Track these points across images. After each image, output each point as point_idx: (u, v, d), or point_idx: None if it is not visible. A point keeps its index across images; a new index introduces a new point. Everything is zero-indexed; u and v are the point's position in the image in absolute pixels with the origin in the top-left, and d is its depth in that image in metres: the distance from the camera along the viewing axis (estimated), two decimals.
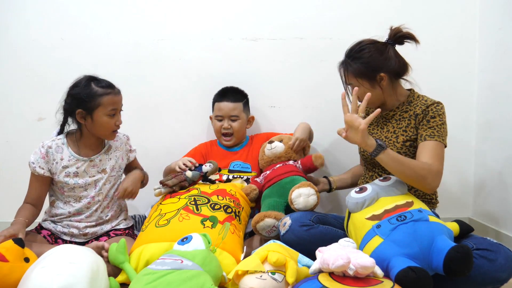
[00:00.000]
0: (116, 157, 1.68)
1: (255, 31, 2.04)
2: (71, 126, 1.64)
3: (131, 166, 1.77)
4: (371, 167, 1.62)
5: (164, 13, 2.04)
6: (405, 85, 1.58)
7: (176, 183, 1.64)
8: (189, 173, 1.67)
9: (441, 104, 1.48)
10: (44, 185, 1.59)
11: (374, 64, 1.47)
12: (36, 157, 1.56)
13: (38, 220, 1.62)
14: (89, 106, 1.52)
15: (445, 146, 1.44)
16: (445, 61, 2.02)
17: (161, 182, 1.67)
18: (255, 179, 1.79)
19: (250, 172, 1.87)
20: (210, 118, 2.00)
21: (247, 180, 1.84)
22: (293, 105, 2.08)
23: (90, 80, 1.55)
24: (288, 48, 2.04)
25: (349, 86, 1.55)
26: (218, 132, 1.93)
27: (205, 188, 1.62)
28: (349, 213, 1.36)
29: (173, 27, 2.04)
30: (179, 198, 1.55)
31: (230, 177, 1.85)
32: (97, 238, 1.61)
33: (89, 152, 1.62)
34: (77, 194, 1.59)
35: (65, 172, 1.57)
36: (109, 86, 1.56)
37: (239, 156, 1.92)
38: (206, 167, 1.71)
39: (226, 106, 1.87)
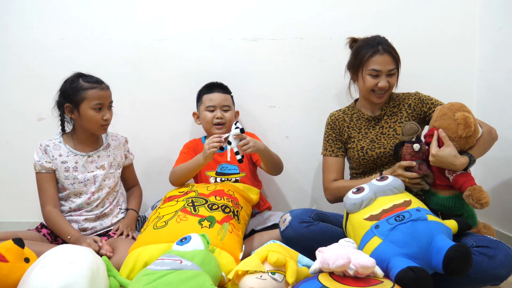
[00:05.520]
0: (114, 155, 1.73)
1: (255, 31, 2.04)
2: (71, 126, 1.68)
3: (126, 172, 1.80)
4: (370, 170, 1.64)
5: (164, 13, 2.04)
6: None
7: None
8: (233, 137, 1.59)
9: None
10: (55, 182, 1.61)
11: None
12: (39, 155, 1.60)
13: (40, 219, 1.62)
14: (75, 100, 1.57)
15: None
16: (445, 61, 2.02)
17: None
18: None
19: (239, 174, 1.83)
20: (194, 114, 1.95)
21: (236, 182, 1.79)
22: (293, 105, 2.08)
23: (78, 76, 1.61)
24: (288, 48, 2.04)
25: (377, 75, 1.57)
26: (209, 123, 1.85)
27: (203, 189, 1.62)
28: (347, 214, 1.36)
29: (173, 27, 2.04)
30: (177, 201, 1.55)
31: (218, 179, 1.81)
32: (97, 235, 1.61)
33: (85, 148, 1.67)
34: (77, 190, 1.62)
35: (65, 167, 1.61)
36: (95, 81, 1.60)
37: (225, 157, 1.78)
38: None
39: (218, 96, 1.84)
